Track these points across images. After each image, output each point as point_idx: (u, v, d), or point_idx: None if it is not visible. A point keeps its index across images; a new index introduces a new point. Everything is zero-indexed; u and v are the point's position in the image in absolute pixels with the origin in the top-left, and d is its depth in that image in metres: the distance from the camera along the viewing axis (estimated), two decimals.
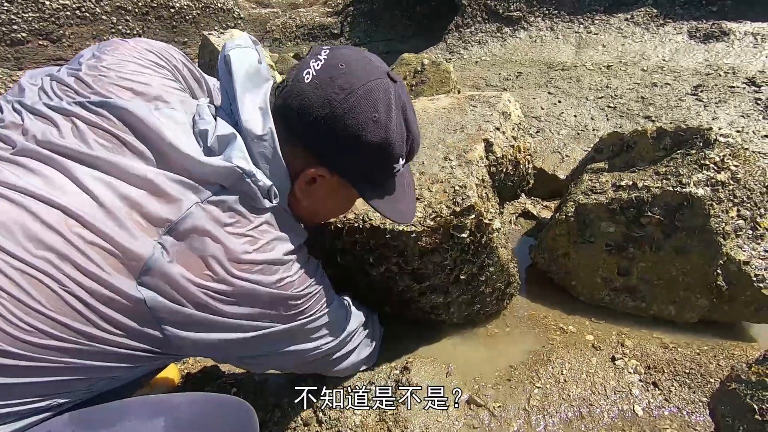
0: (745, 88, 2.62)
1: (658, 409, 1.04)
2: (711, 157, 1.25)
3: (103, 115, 0.61)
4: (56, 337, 0.53)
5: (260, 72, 0.70)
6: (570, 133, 2.41)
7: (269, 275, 0.65)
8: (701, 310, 1.27)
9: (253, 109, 0.66)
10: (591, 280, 1.38)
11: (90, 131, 0.59)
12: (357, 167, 0.71)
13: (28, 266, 0.51)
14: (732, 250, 1.21)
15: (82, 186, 0.56)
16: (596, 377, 1.12)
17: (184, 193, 0.59)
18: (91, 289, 0.54)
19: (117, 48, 0.71)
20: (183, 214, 0.58)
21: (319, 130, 0.66)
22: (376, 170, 0.73)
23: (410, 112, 0.72)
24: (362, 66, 0.67)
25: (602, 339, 1.24)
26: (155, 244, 0.57)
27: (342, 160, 0.69)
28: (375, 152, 0.69)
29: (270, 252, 0.65)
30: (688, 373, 1.10)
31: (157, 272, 0.56)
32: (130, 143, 0.60)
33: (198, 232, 0.59)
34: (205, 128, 0.64)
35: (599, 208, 1.34)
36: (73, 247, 0.53)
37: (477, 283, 1.18)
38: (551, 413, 1.04)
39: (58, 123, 0.60)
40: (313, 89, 0.65)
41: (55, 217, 0.53)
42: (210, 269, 0.59)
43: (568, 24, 3.91)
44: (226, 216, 0.62)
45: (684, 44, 3.36)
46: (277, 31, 5.54)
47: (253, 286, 0.63)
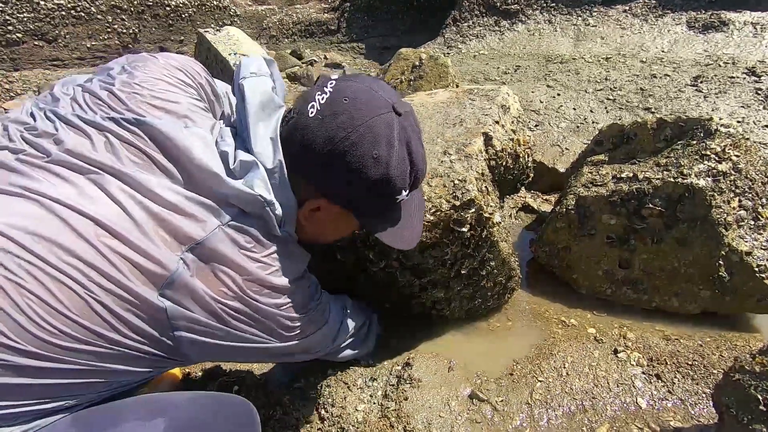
0: (745, 79, 2.61)
1: (662, 401, 1.04)
2: (712, 148, 1.24)
3: (135, 132, 0.63)
4: (79, 339, 0.55)
5: (273, 101, 0.72)
6: (569, 126, 2.40)
7: (275, 299, 0.69)
8: (703, 301, 1.26)
9: (264, 141, 0.69)
10: (592, 273, 1.38)
11: (122, 147, 0.62)
12: (358, 201, 0.73)
13: (58, 271, 0.54)
14: (734, 240, 1.20)
15: (113, 198, 0.59)
16: (599, 370, 1.11)
17: (208, 216, 0.63)
18: (116, 295, 0.57)
19: (147, 65, 0.73)
20: (207, 235, 0.62)
21: (320, 165, 0.68)
22: (377, 203, 0.75)
23: (415, 144, 0.72)
24: (366, 100, 0.68)
25: (604, 332, 1.24)
26: (178, 260, 0.60)
27: (343, 194, 0.72)
28: (375, 188, 0.70)
29: (278, 278, 0.69)
30: (691, 365, 1.10)
31: (179, 285, 0.60)
32: (159, 162, 0.63)
33: (218, 253, 0.63)
34: (226, 150, 0.67)
35: (600, 200, 1.33)
36: (101, 255, 0.56)
37: (478, 277, 1.18)
38: (554, 407, 1.03)
39: (91, 136, 0.62)
40: (317, 125, 0.67)
41: (86, 226, 0.56)
42: (226, 287, 0.64)
43: (566, 16, 3.89)
44: (244, 240, 0.66)
45: (683, 35, 3.34)
46: (273, 28, 5.51)
47: (259, 306, 0.67)
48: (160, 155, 0.63)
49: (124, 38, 4.87)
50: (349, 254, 1.08)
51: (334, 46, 5.07)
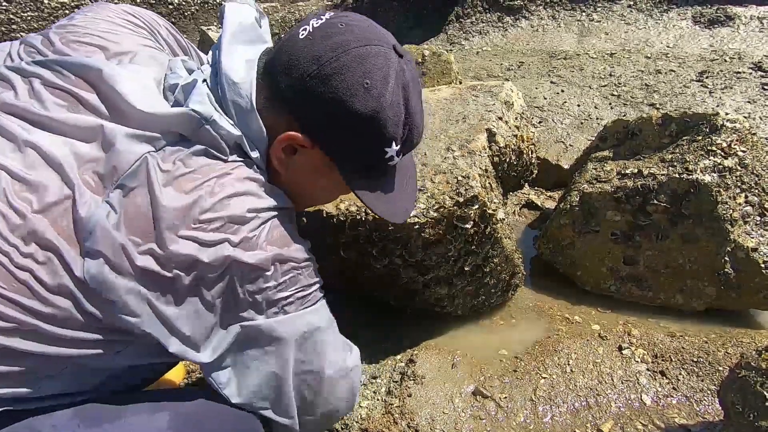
0: (751, 74, 2.58)
1: (666, 398, 1.03)
2: (718, 143, 1.23)
3: (60, 72, 0.56)
4: (9, 318, 0.49)
5: (256, 30, 0.64)
6: (573, 122, 2.39)
7: (230, 234, 0.53)
8: (709, 298, 1.26)
9: (238, 59, 0.60)
10: (597, 270, 1.37)
11: (45, 90, 0.55)
12: (341, 141, 0.62)
13: None
14: (740, 236, 1.19)
15: (28, 145, 0.52)
16: (603, 367, 1.11)
17: (136, 145, 0.54)
18: (38, 260, 0.49)
19: (94, 9, 0.66)
20: (132, 167, 0.52)
21: (303, 89, 0.59)
22: (363, 150, 0.63)
23: (414, 94, 0.63)
24: (365, 29, 0.60)
25: (609, 329, 1.23)
26: (102, 204, 0.51)
27: (325, 128, 0.61)
28: (362, 125, 0.60)
29: (230, 208, 0.54)
30: (696, 362, 1.09)
31: (101, 236, 0.50)
32: (86, 100, 0.55)
33: (148, 185, 0.52)
34: (174, 82, 0.59)
35: (604, 196, 1.32)
36: (18, 215, 0.49)
37: (481, 274, 1.17)
38: (558, 403, 1.03)
39: (15, 85, 0.56)
40: (305, 45, 0.59)
41: (7, 184, 0.50)
42: (158, 229, 0.51)
43: (570, 12, 3.86)
44: (181, 165, 0.54)
45: (688, 30, 3.31)
46: (276, 25, 5.51)
47: (212, 249, 0.53)
48: (88, 93, 0.56)
49: None
50: (352, 251, 1.08)
51: None
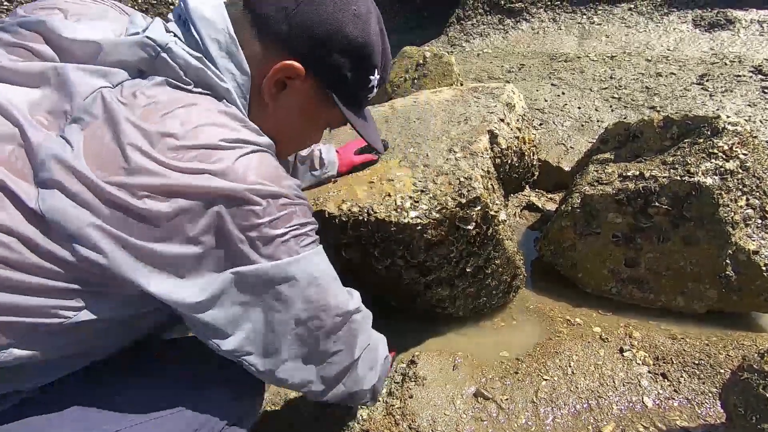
0: (751, 77, 2.59)
1: (668, 401, 1.03)
2: (719, 146, 1.23)
3: (16, 32, 0.55)
4: None
5: None
6: (574, 124, 2.39)
7: (210, 164, 0.49)
8: (710, 300, 1.26)
9: (205, 2, 0.57)
10: (598, 272, 1.37)
11: (5, 50, 0.54)
12: (334, 68, 0.63)
13: None
14: (741, 239, 1.19)
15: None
16: (604, 369, 1.11)
17: (90, 78, 0.51)
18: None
19: None
20: (84, 100, 0.49)
21: (295, 17, 0.58)
22: (353, 77, 0.66)
23: (383, 27, 0.69)
24: None
25: (610, 331, 1.23)
26: (56, 138, 0.48)
27: (319, 55, 0.61)
28: (353, 51, 0.63)
29: (205, 137, 0.50)
30: (698, 364, 1.09)
31: (56, 167, 0.46)
32: (38, 50, 0.53)
33: (107, 118, 0.48)
34: (134, 31, 0.55)
35: (606, 198, 1.32)
36: None
37: (483, 275, 1.17)
38: (559, 405, 1.03)
39: None
40: None
41: None
42: (127, 160, 0.47)
43: (570, 15, 3.87)
44: (142, 97, 0.51)
45: (689, 33, 3.32)
46: None
47: (190, 177, 0.48)
48: (40, 45, 0.53)
49: None
50: (354, 252, 1.08)
51: None
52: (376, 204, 1.02)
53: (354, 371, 0.70)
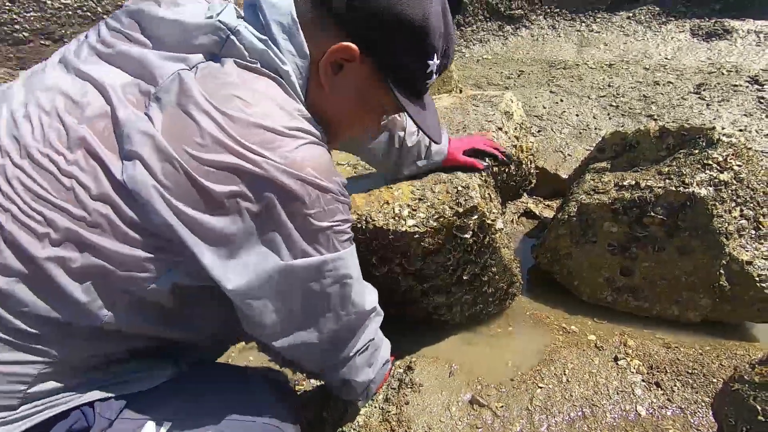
0: (747, 87, 2.61)
1: (661, 410, 1.04)
2: (714, 157, 1.25)
3: (121, 20, 0.62)
4: (59, 228, 0.51)
5: None
6: (572, 132, 2.41)
7: (271, 149, 0.53)
8: (704, 310, 1.27)
9: None
10: (593, 280, 1.38)
11: (107, 33, 0.61)
12: (391, 50, 0.63)
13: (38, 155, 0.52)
14: (735, 250, 1.21)
15: (81, 74, 0.57)
16: (599, 377, 1.12)
17: (171, 64, 0.56)
18: (82, 167, 0.52)
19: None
20: (165, 81, 0.55)
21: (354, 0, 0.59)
22: (410, 61, 0.64)
23: (447, 9, 0.65)
24: None
25: (605, 339, 1.24)
26: (141, 115, 0.53)
27: (376, 38, 0.61)
28: (412, 34, 0.61)
29: (268, 121, 0.54)
30: (691, 373, 1.10)
31: (138, 140, 0.51)
32: (133, 36, 0.60)
33: (184, 97, 0.53)
34: (210, 15, 0.60)
35: (602, 208, 1.34)
36: (65, 126, 0.53)
37: (479, 283, 1.18)
38: (554, 413, 1.04)
39: (89, 33, 0.63)
40: None
41: (61, 104, 0.55)
42: (201, 135, 0.52)
43: (569, 22, 3.90)
44: (213, 76, 0.55)
45: (686, 42, 3.35)
46: None
47: (252, 159, 0.52)
48: (135, 32, 0.60)
49: None
50: None
51: None
52: (375, 212, 1.03)
53: (354, 361, 0.76)
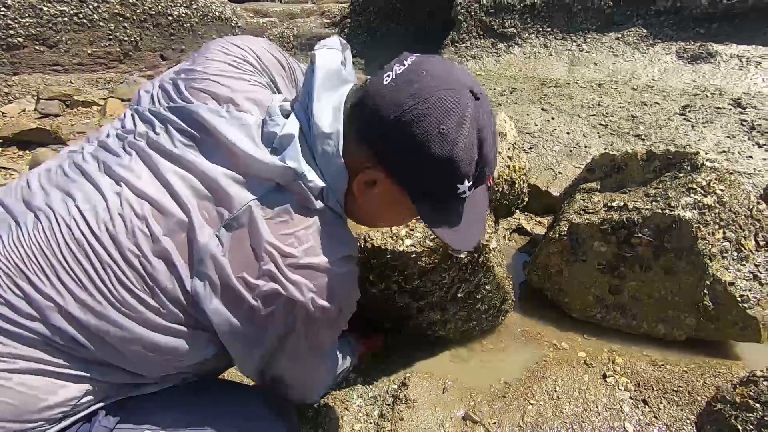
0: (731, 110, 2.71)
1: (648, 427, 1.07)
2: (698, 181, 1.30)
3: (187, 118, 0.69)
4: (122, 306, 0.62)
5: (341, 74, 0.71)
6: (563, 149, 2.47)
7: (311, 280, 0.66)
8: (689, 328, 1.31)
9: (326, 108, 0.68)
10: (583, 298, 1.42)
11: (176, 132, 0.68)
12: (417, 179, 0.69)
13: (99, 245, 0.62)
14: (718, 271, 1.25)
15: (164, 179, 0.65)
16: (588, 394, 1.15)
17: (242, 192, 0.65)
18: (161, 272, 0.63)
19: (209, 47, 0.78)
20: (239, 211, 0.64)
21: (385, 132, 0.66)
22: (436, 188, 0.69)
23: (488, 134, 0.68)
24: (444, 75, 0.66)
25: (594, 356, 1.28)
26: (214, 237, 0.63)
27: (403, 167, 0.68)
28: (437, 167, 0.66)
29: (314, 255, 0.66)
30: (676, 391, 1.14)
31: (211, 260, 0.63)
32: (206, 143, 0.67)
33: (250, 229, 0.64)
34: (273, 130, 0.68)
35: (592, 228, 1.38)
36: (152, 236, 0.63)
37: (473, 300, 1.21)
38: (545, 430, 1.06)
39: (155, 126, 0.69)
40: (389, 91, 0.65)
41: (142, 208, 0.64)
42: (256, 264, 0.64)
43: (561, 41, 4.00)
44: (276, 214, 0.66)
45: (673, 64, 3.46)
46: (274, 40, 5.58)
47: (294, 289, 0.65)
48: (207, 137, 0.67)
49: (126, 46, 4.91)
50: None
51: None
52: (373, 231, 1.05)
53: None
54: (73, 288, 0.61)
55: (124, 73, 4.92)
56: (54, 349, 0.61)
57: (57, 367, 0.62)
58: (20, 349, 0.59)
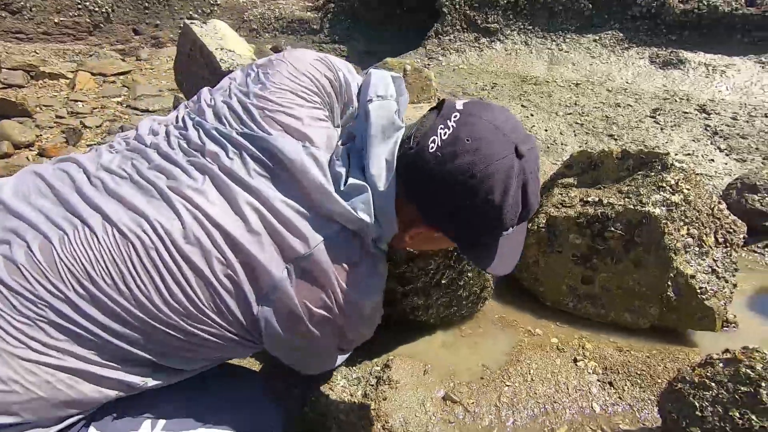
0: (696, 115, 2.86)
1: (613, 407, 1.15)
2: (667, 180, 1.38)
3: (263, 148, 0.71)
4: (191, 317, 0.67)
5: (394, 124, 0.74)
6: (540, 146, 2.55)
7: (353, 309, 0.75)
8: (653, 317, 1.41)
9: (380, 163, 0.72)
10: (557, 288, 1.49)
11: (251, 161, 0.70)
12: (466, 237, 0.77)
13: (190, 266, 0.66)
14: (681, 264, 1.35)
15: (238, 209, 0.67)
16: (560, 377, 1.22)
17: (313, 233, 0.69)
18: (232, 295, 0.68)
19: (277, 72, 0.80)
20: (311, 249, 0.69)
21: (435, 202, 0.72)
22: (483, 239, 0.77)
23: (532, 185, 0.72)
24: (489, 143, 0.67)
25: (566, 342, 1.35)
26: (284, 269, 0.68)
27: (453, 230, 0.75)
28: (485, 228, 0.73)
29: (361, 292, 0.75)
30: (639, 374, 1.23)
31: (281, 292, 0.68)
32: (280, 177, 0.70)
33: (319, 266, 0.69)
34: (339, 171, 0.72)
35: (568, 221, 1.45)
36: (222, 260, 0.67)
37: (456, 287, 1.26)
38: (519, 409, 1.13)
39: (227, 151, 0.71)
40: (435, 163, 0.68)
41: (217, 236, 0.66)
42: (319, 296, 0.71)
43: (541, 40, 4.09)
44: (342, 255, 0.72)
45: (645, 68, 3.61)
46: (255, 21, 5.44)
47: (338, 314, 0.73)
48: (282, 171, 0.70)
49: (96, 17, 4.68)
50: None
51: (316, 46, 5.07)
52: None
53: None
54: (140, 298, 0.63)
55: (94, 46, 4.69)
56: (104, 350, 0.64)
57: (102, 368, 0.64)
58: (73, 348, 0.61)
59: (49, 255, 0.61)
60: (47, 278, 0.60)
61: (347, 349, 0.92)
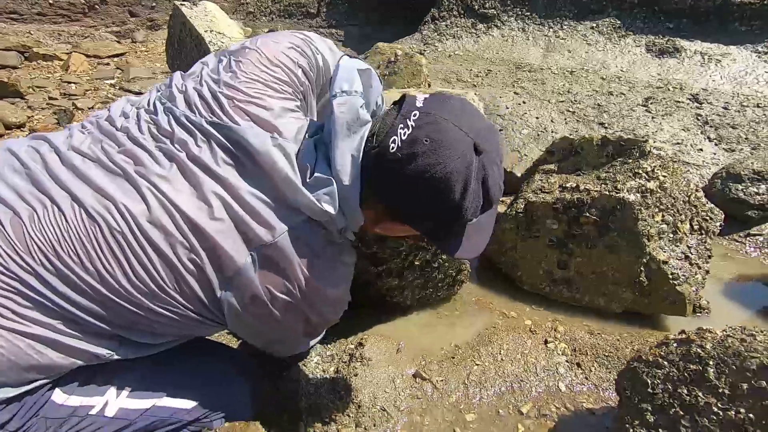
0: (688, 104, 2.85)
1: (579, 386, 1.18)
2: (644, 167, 1.39)
3: (231, 138, 0.72)
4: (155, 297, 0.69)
5: (358, 119, 0.75)
6: (531, 133, 2.55)
7: (318, 296, 0.77)
8: (625, 302, 1.43)
9: (345, 157, 0.73)
10: (534, 272, 1.52)
11: (219, 150, 0.72)
12: (430, 229, 0.79)
13: (155, 250, 0.68)
14: (654, 250, 1.37)
15: (204, 197, 0.69)
16: (529, 357, 1.25)
17: (278, 222, 0.71)
18: (196, 278, 0.70)
19: (247, 61, 0.80)
20: (276, 238, 0.71)
21: (396, 197, 0.74)
22: (448, 228, 0.79)
23: (492, 177, 0.73)
24: (448, 143, 0.69)
25: (539, 324, 1.38)
26: (248, 257, 0.70)
27: (414, 220, 0.78)
28: (447, 220, 0.76)
29: (327, 280, 0.77)
30: (607, 356, 1.26)
31: (243, 276, 0.70)
32: (248, 167, 0.72)
33: (282, 253, 0.71)
34: (306, 163, 0.73)
35: (546, 206, 1.47)
36: (193, 253, 0.69)
37: (430, 269, 1.28)
38: (486, 387, 1.16)
39: (196, 139, 0.72)
40: (396, 164, 0.70)
41: (181, 222, 0.68)
42: (281, 283, 0.73)
43: (538, 27, 4.05)
44: (307, 245, 0.74)
45: (641, 57, 3.58)
46: (251, 4, 5.39)
47: (302, 300, 0.76)
48: (249, 161, 0.72)
49: None
50: None
51: (313, 30, 5.02)
52: None
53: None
54: (105, 275, 0.66)
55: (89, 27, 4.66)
56: (71, 321, 0.66)
57: (69, 338, 0.66)
58: (41, 318, 0.64)
59: (20, 230, 0.64)
60: (17, 252, 0.63)
61: (313, 333, 0.93)
